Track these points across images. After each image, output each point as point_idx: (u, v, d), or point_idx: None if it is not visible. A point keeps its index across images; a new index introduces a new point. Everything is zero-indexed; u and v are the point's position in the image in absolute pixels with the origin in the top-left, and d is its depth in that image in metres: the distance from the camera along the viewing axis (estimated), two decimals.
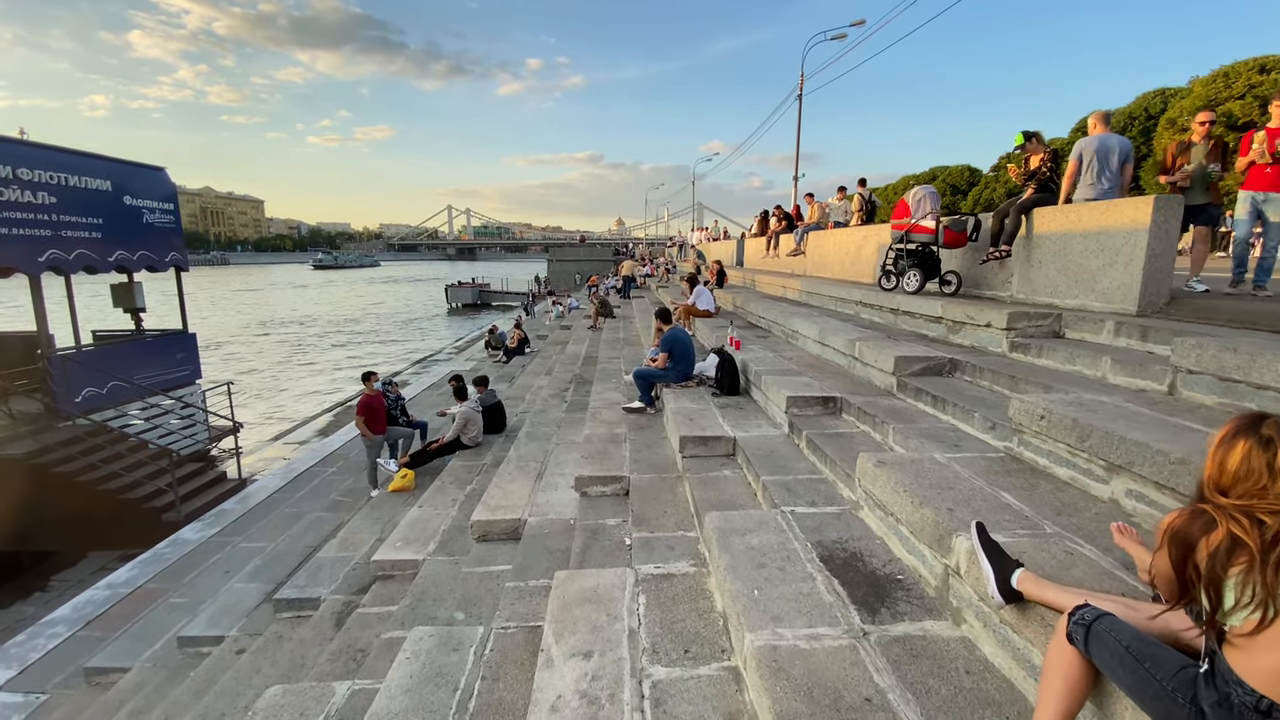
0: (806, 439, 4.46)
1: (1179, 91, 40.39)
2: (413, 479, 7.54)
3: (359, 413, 7.79)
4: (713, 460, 4.79)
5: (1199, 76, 38.55)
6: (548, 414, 8.31)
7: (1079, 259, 5.50)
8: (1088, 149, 5.83)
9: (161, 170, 12.69)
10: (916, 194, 7.02)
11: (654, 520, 4.14)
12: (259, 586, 6.16)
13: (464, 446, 7.86)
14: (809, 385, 5.22)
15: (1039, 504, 2.82)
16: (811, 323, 7.02)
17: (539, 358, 15.43)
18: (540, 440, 7.10)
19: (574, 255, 57.14)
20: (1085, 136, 6.03)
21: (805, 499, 3.66)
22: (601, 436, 5.98)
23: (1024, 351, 4.81)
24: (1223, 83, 33.69)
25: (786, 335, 7.91)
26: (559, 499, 5.23)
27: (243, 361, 25.79)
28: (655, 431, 6.09)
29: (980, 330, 5.35)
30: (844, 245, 10.85)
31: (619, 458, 5.35)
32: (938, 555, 2.62)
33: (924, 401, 4.48)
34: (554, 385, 10.37)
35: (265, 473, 11.34)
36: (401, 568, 5.19)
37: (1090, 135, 5.98)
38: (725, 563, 2.91)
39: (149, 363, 12.05)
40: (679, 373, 6.65)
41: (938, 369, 4.93)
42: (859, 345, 5.57)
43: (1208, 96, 33.96)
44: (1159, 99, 42.69)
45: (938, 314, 5.97)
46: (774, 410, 5.33)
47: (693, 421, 5.28)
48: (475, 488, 6.62)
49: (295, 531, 7.45)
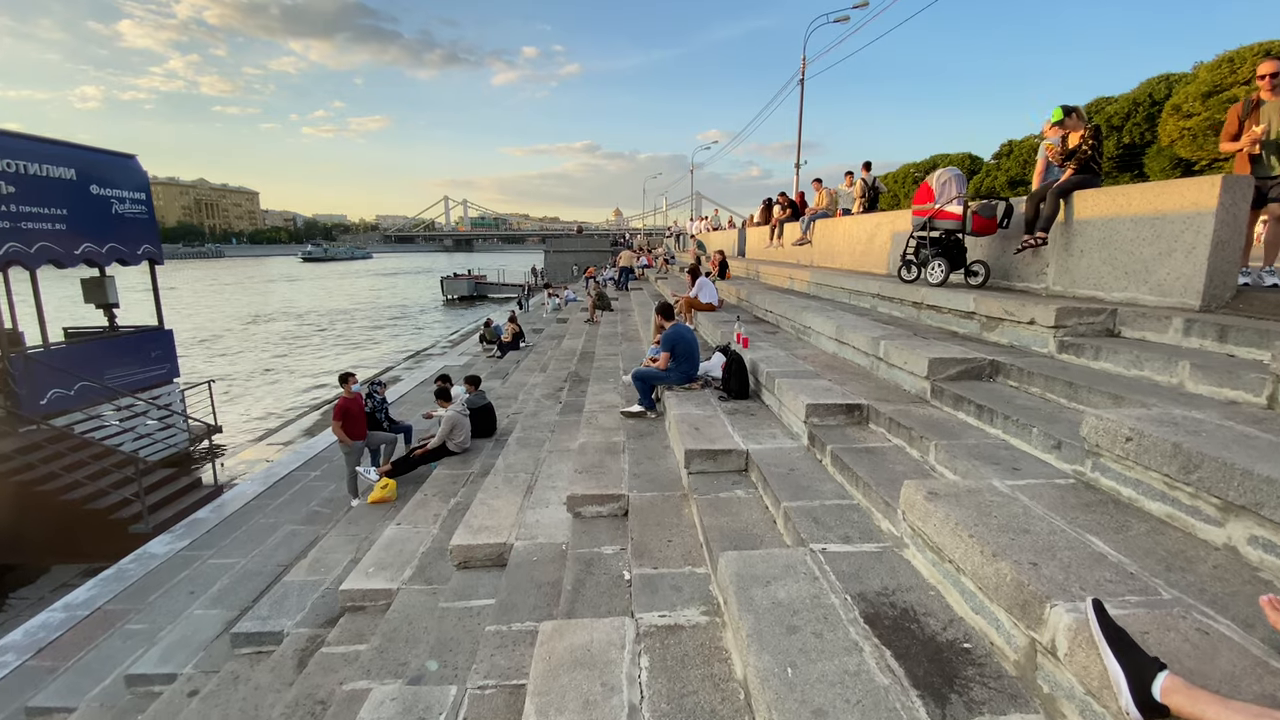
0: (831, 455, 3.89)
1: (1184, 77, 39.67)
2: (394, 489, 6.98)
3: (336, 417, 7.21)
4: (723, 478, 4.22)
5: (1203, 62, 37.86)
6: (540, 416, 7.73)
7: (1128, 247, 4.91)
8: (939, 176, 6.31)
9: (132, 158, 12.02)
10: (941, 176, 6.42)
11: (657, 551, 3.58)
12: (220, 614, 5.60)
13: (450, 453, 7.30)
14: (829, 390, 4.65)
15: (1140, 553, 2.26)
16: (826, 318, 6.43)
17: (534, 353, 14.85)
18: (532, 447, 6.54)
19: (571, 246, 56.39)
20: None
21: (837, 532, 3.10)
22: (597, 445, 5.41)
23: (1076, 353, 4.24)
24: (1228, 68, 33.01)
25: (797, 331, 7.33)
26: (550, 519, 4.66)
27: (230, 357, 25.17)
28: (657, 439, 5.52)
29: (1021, 328, 4.77)
30: (854, 234, 10.24)
31: (616, 471, 4.79)
32: (1020, 625, 2.06)
33: (965, 411, 3.90)
34: (548, 384, 9.80)
35: (245, 477, 10.77)
36: (373, 598, 4.63)
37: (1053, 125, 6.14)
38: (748, 625, 2.34)
39: (122, 362, 11.45)
40: (682, 374, 6.07)
41: (976, 372, 4.35)
42: (884, 345, 4.99)
43: (1213, 82, 33.29)
44: (1163, 85, 41.95)
45: (969, 309, 5.39)
46: (790, 418, 4.76)
47: (699, 431, 4.71)
48: (460, 500, 6.06)
49: (267, 547, 6.89)
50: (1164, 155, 38.88)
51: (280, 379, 20.93)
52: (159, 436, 10.66)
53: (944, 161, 60.70)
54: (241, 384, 20.34)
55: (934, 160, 62.12)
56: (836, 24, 25.85)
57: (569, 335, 15.02)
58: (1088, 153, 5.55)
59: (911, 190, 58.53)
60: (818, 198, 12.60)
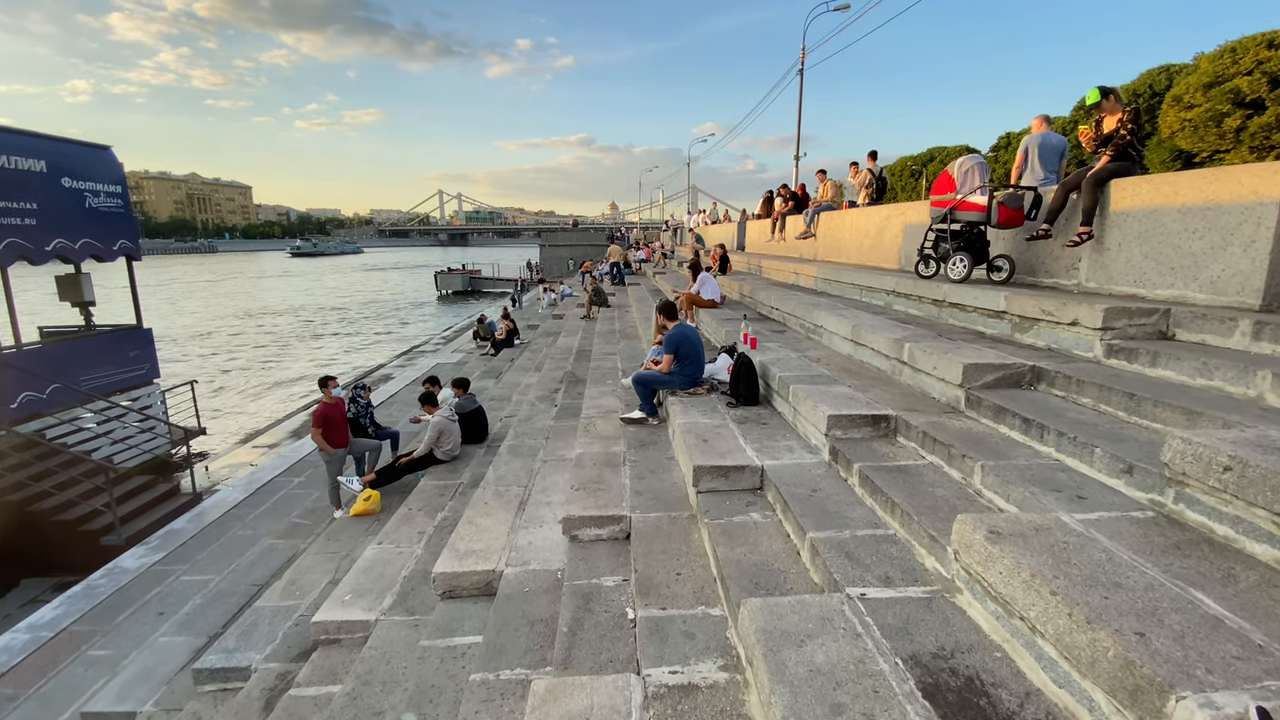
0: (859, 474, 3.47)
1: (1184, 68, 39.27)
2: (378, 501, 6.54)
3: (315, 424, 6.75)
4: (736, 498, 3.80)
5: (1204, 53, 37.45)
6: (535, 421, 7.30)
7: (1175, 240, 4.50)
8: (1032, 144, 6.30)
9: (107, 149, 11.49)
10: (963, 165, 5.99)
11: (664, 586, 3.16)
12: (187, 641, 5.16)
13: (438, 461, 6.86)
14: (851, 399, 4.22)
15: (1261, 614, 1.84)
16: (839, 317, 6.01)
17: (528, 351, 14.39)
18: (525, 456, 6.11)
19: (566, 240, 55.68)
20: (1030, 134, 6.58)
21: (875, 571, 2.68)
22: (595, 457, 4.98)
23: (1127, 358, 3.82)
24: (1230, 59, 32.59)
25: (807, 330, 6.90)
26: (544, 541, 4.23)
27: (219, 355, 24.64)
28: (660, 449, 5.10)
29: (1061, 330, 4.35)
30: (862, 227, 9.81)
31: (617, 487, 4.36)
32: (1129, 715, 1.65)
33: (1009, 425, 3.49)
34: (543, 385, 9.35)
35: (227, 482, 10.31)
36: (350, 629, 4.20)
37: (1034, 133, 6.53)
38: (783, 704, 1.92)
39: (98, 362, 10.95)
40: (686, 378, 5.65)
41: (1015, 379, 3.94)
42: (908, 347, 4.56)
43: (1215, 73, 32.89)
44: (1164, 76, 41.54)
45: (998, 307, 4.96)
46: (808, 429, 4.34)
47: (707, 444, 4.29)
48: (448, 516, 5.63)
49: (244, 563, 6.45)
50: (1164, 147, 38.59)
51: (269, 377, 20.42)
52: (135, 441, 10.17)
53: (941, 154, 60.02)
54: (229, 382, 19.84)
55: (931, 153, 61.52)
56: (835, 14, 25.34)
57: (565, 332, 14.57)
58: (1126, 137, 5.12)
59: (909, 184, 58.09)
60: (822, 189, 12.16)
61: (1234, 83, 32.64)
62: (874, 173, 11.50)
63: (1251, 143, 30.42)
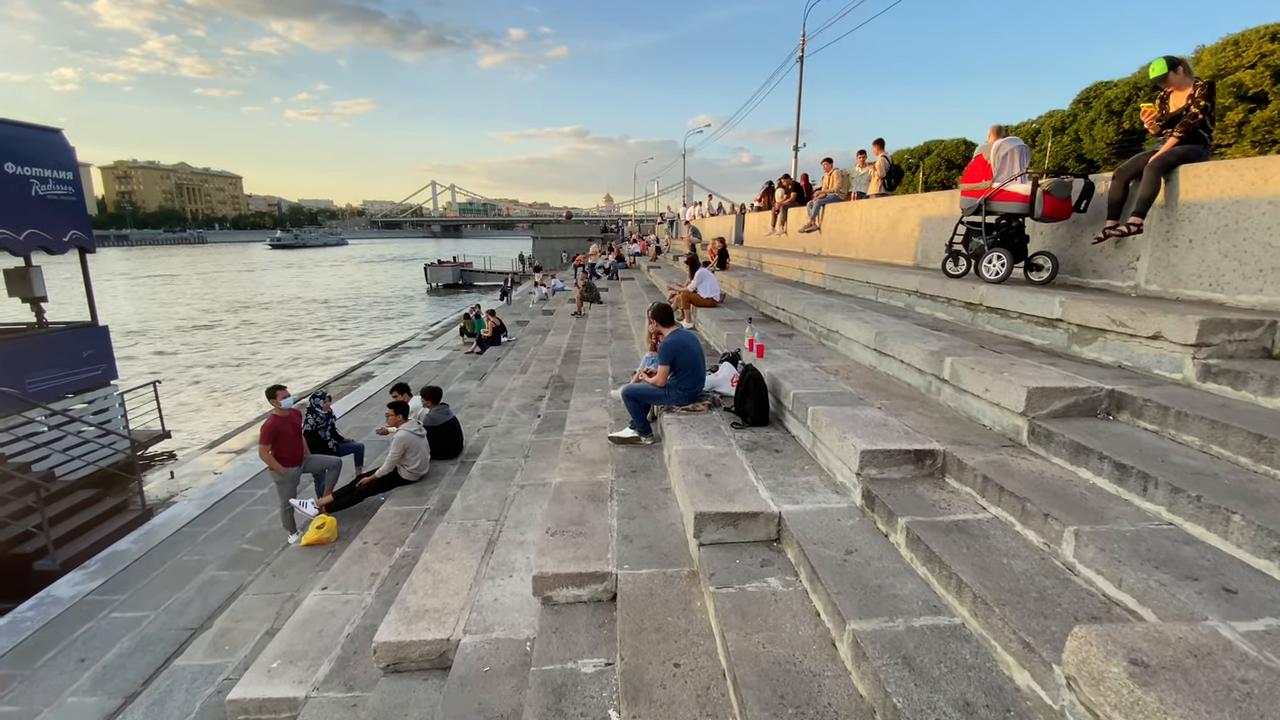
0: (906, 533, 2.73)
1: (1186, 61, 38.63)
2: (334, 528, 5.78)
3: (263, 440, 5.97)
4: (748, 554, 3.07)
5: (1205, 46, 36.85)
6: (514, 435, 6.55)
7: (1264, 236, 3.77)
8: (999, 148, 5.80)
9: (57, 132, 10.60)
10: (1000, 148, 5.25)
11: (658, 684, 2.43)
12: (99, 703, 4.40)
13: (403, 481, 6.10)
14: (885, 427, 3.49)
15: None
16: (858, 321, 5.27)
17: (515, 350, 13.62)
18: (499, 479, 5.36)
19: (560, 233, 54.69)
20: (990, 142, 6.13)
21: (947, 691, 1.95)
22: (578, 487, 4.24)
23: (1231, 383, 3.09)
24: (1232, 52, 31.97)
25: (819, 336, 6.17)
26: (513, 597, 3.50)
27: (194, 351, 23.72)
28: (653, 477, 4.36)
29: (1138, 344, 3.62)
30: (873, 219, 9.06)
31: (601, 531, 3.62)
32: None
33: (1094, 469, 2.76)
34: (527, 390, 8.60)
35: (184, 494, 9.50)
36: (273, 709, 3.45)
37: (990, 143, 6.11)
38: None
39: (48, 363, 10.09)
40: (684, 392, 4.90)
41: (1090, 407, 3.21)
42: (951, 363, 3.83)
43: (1217, 66, 32.31)
44: None
45: (1052, 314, 4.23)
46: (832, 461, 3.61)
47: (710, 479, 3.55)
48: (408, 552, 4.87)
49: (181, 599, 5.69)
50: None
51: (240, 376, 19.53)
52: (80, 452, 9.34)
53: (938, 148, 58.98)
54: (206, 378, 18.96)
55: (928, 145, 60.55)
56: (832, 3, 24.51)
57: (554, 330, 13.79)
58: (1198, 116, 4.39)
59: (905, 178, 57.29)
60: (828, 179, 11.38)
61: (1236, 76, 32.04)
62: (888, 159, 10.74)
63: (1254, 137, 29.92)
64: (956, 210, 7.11)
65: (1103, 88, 49.44)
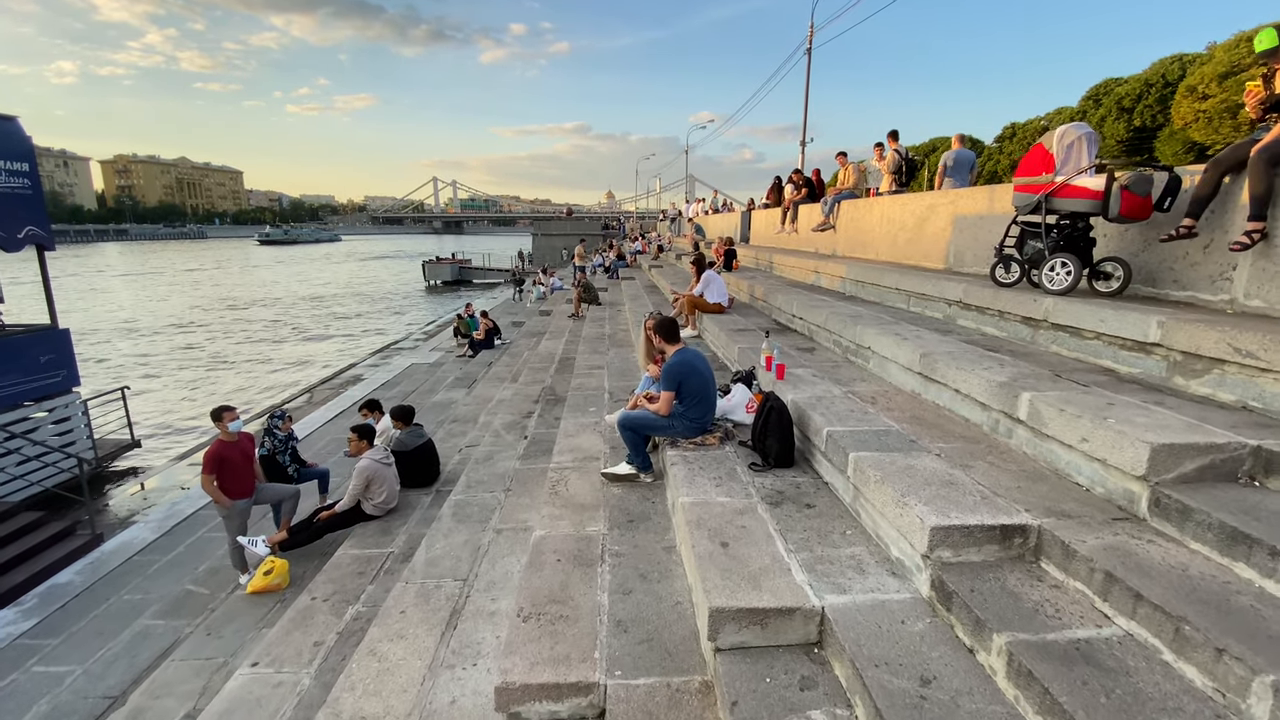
0: (1006, 658, 1.95)
1: (1198, 58, 37.86)
2: (285, 572, 4.99)
3: (206, 469, 5.19)
4: (781, 667, 2.29)
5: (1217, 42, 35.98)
6: (496, 461, 5.78)
7: None
8: (949, 158, 6.49)
9: (12, 120, 9.80)
10: (1065, 136, 4.45)
11: None
12: None
13: (368, 516, 5.32)
14: (952, 485, 2.71)
15: None
16: (896, 338, 4.48)
17: (508, 354, 12.85)
18: (473, 522, 4.59)
19: (560, 230, 53.84)
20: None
21: None
22: (562, 545, 3.46)
23: None
24: (1246, 48, 31.14)
25: (846, 351, 5.38)
26: (474, 701, 2.73)
27: (176, 351, 22.95)
28: (654, 529, 3.59)
29: (1273, 382, 2.82)
30: (896, 218, 8.27)
31: (588, 614, 2.85)
32: None
33: (1260, 566, 1.97)
34: (516, 403, 7.83)
35: (142, 515, 8.74)
36: None
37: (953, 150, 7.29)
38: None
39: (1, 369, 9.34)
40: (692, 423, 4.12)
41: (1229, 469, 2.43)
42: (1030, 400, 3.04)
43: (1230, 62, 31.47)
44: (1177, 65, 40.08)
45: (1145, 337, 3.43)
46: (879, 523, 2.83)
47: (728, 551, 2.77)
48: (361, 613, 4.09)
49: (109, 654, 4.94)
50: (1176, 139, 37.16)
51: (225, 377, 18.74)
52: (19, 471, 8.54)
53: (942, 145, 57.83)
54: (184, 383, 18.19)
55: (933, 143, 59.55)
56: None
57: (549, 333, 13.01)
58: None
59: None
60: (843, 174, 10.58)
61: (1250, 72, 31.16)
62: (900, 154, 9.94)
63: None
64: (995, 207, 6.34)
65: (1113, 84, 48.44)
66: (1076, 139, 4.43)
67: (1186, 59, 40.31)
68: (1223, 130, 33.08)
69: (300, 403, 14.89)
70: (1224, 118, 32.00)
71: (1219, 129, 32.62)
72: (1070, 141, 4.44)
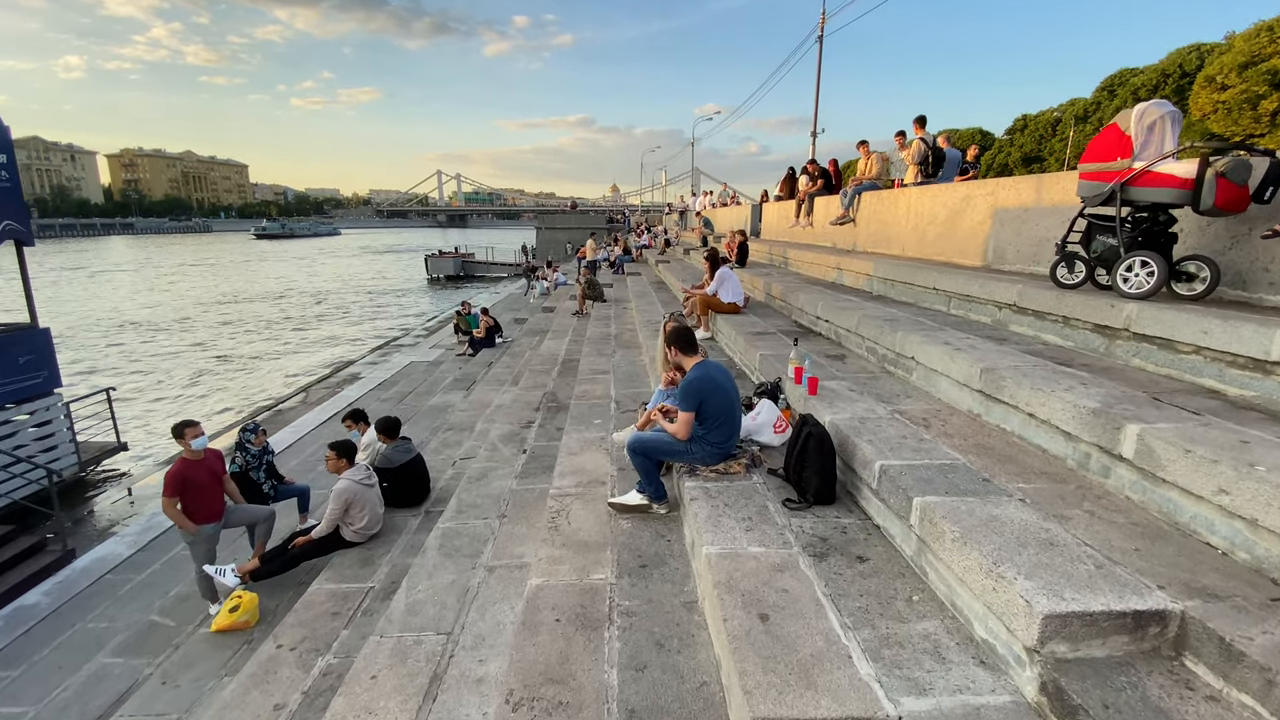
0: None
1: (1216, 48, 37.00)
2: (254, 608, 4.46)
3: (167, 491, 4.65)
4: None
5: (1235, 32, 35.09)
6: (491, 480, 5.23)
7: None
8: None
9: None
10: (1146, 114, 3.85)
11: None
12: None
13: (347, 543, 4.79)
14: (1053, 548, 2.14)
15: None
16: (944, 347, 3.90)
17: (509, 354, 12.30)
18: (462, 557, 4.05)
19: (564, 223, 53.06)
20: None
21: None
22: (562, 599, 2.91)
23: None
24: (1266, 38, 30.30)
25: (881, 359, 4.80)
26: None
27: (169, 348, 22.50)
28: (671, 577, 3.04)
29: None
30: (926, 211, 7.66)
31: (593, 699, 2.30)
32: None
33: None
34: (515, 410, 7.28)
35: (120, 527, 8.26)
36: None
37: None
38: None
39: None
40: (714, 448, 3.56)
41: None
42: (1142, 436, 2.46)
43: (1250, 52, 30.63)
44: (1194, 55, 39.20)
45: (1269, 354, 2.84)
46: (956, 592, 2.27)
47: (768, 628, 2.21)
48: (332, 665, 3.55)
49: (66, 694, 4.43)
50: (1194, 130, 36.31)
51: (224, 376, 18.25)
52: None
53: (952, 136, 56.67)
54: (179, 382, 17.73)
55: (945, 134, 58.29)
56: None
57: (552, 332, 12.46)
58: None
59: None
60: (864, 164, 9.95)
61: (1271, 63, 30.35)
62: (927, 142, 9.31)
63: None
64: (1044, 198, 5.73)
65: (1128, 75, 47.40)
66: (1159, 118, 3.83)
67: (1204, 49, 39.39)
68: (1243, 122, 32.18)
69: (295, 402, 14.39)
70: (1244, 109, 31.14)
71: (1239, 120, 31.75)
72: (1152, 121, 3.84)
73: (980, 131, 57.93)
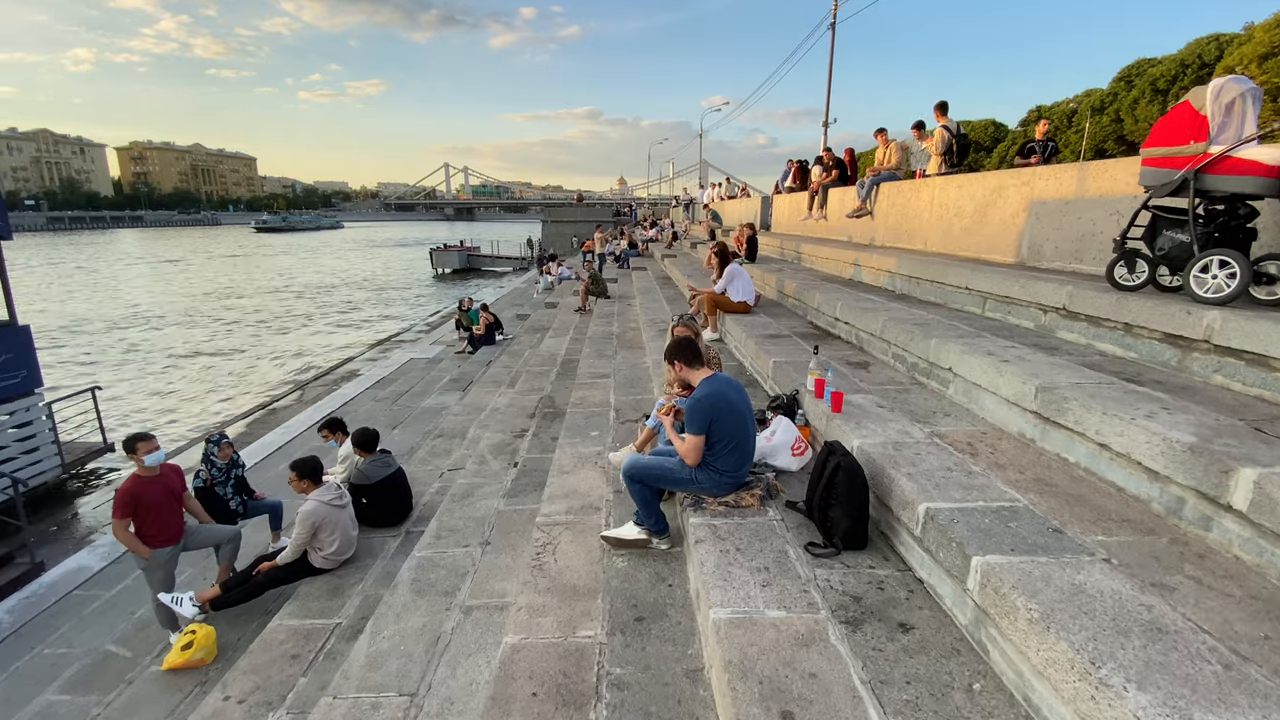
0: None
1: (1236, 38, 35.99)
2: (211, 643, 4.01)
3: (117, 512, 4.20)
4: None
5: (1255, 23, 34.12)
6: (477, 499, 4.77)
7: None
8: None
9: None
10: (1223, 91, 3.32)
11: None
12: None
13: (316, 570, 4.34)
14: (1161, 634, 1.65)
15: None
16: (988, 358, 3.40)
17: (508, 353, 11.84)
18: (436, 593, 3.59)
19: (571, 216, 52.37)
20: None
21: None
22: (541, 664, 2.45)
23: None
24: None
25: (911, 368, 4.29)
26: None
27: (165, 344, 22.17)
28: (671, 635, 2.57)
29: None
30: (952, 202, 7.11)
31: None
32: None
33: None
34: (509, 416, 6.83)
35: (92, 539, 7.88)
36: None
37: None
38: None
39: None
40: (723, 475, 3.08)
41: None
42: (1261, 484, 1.96)
43: (1271, 43, 29.70)
44: (1214, 45, 38.14)
45: None
46: (1032, 686, 1.78)
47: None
48: (292, 709, 3.11)
49: None
50: None
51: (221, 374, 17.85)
52: None
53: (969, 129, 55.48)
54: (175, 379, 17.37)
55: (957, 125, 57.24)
56: None
57: (553, 330, 11.99)
58: None
59: None
60: (883, 153, 9.39)
61: None
62: (950, 131, 8.73)
63: None
64: (1087, 189, 5.19)
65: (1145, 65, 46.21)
66: (1238, 95, 3.31)
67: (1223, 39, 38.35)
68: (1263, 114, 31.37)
69: (290, 400, 14.02)
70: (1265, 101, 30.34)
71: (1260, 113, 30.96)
72: (1230, 100, 3.32)
73: (993, 123, 56.94)
